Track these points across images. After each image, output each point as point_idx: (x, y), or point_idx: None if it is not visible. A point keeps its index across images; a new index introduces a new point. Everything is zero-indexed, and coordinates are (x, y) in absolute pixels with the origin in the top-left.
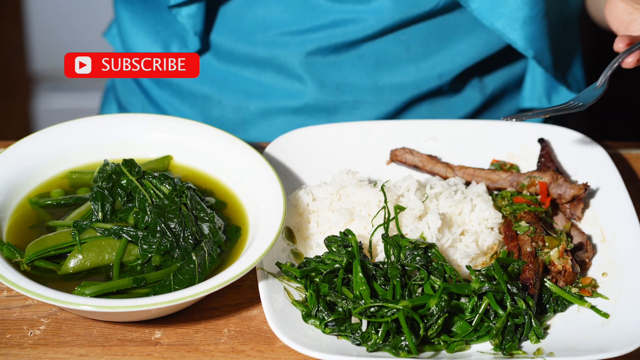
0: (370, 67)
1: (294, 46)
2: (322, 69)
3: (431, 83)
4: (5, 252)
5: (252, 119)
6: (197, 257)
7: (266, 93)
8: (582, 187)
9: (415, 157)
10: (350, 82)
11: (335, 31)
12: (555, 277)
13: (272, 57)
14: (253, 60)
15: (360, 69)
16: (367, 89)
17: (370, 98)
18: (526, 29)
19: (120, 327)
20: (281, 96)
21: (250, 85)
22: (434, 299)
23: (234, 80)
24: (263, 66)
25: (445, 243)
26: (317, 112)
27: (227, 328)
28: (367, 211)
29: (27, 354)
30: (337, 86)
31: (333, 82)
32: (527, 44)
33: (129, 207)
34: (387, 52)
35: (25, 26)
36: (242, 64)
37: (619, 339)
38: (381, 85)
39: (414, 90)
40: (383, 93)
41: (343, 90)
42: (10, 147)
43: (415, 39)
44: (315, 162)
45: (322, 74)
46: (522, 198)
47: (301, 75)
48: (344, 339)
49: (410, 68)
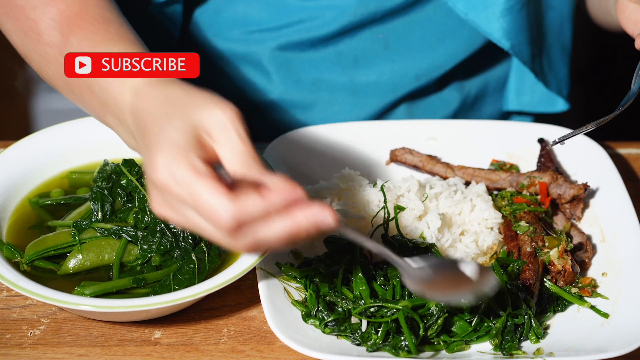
0: (348, 64)
1: (270, 42)
2: (298, 64)
3: (409, 85)
4: (5, 252)
5: None
6: (197, 257)
7: (242, 88)
8: (582, 187)
9: (415, 157)
10: (326, 78)
11: (307, 25)
12: (555, 277)
13: (248, 53)
14: (230, 55)
15: (337, 66)
16: (343, 86)
17: (345, 96)
18: (502, 20)
19: (120, 327)
20: (257, 91)
21: (227, 82)
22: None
23: (211, 75)
24: (239, 61)
25: (445, 243)
26: (293, 107)
27: (227, 328)
28: (366, 211)
29: (27, 354)
30: (314, 82)
31: (309, 78)
32: (503, 35)
33: (129, 207)
34: (364, 49)
35: None
36: (217, 59)
37: (619, 339)
38: (357, 82)
39: (391, 91)
40: (359, 92)
41: (319, 87)
42: (10, 147)
43: (393, 37)
44: (315, 162)
45: (299, 70)
46: (522, 198)
47: (276, 71)
48: (343, 339)
49: (387, 66)
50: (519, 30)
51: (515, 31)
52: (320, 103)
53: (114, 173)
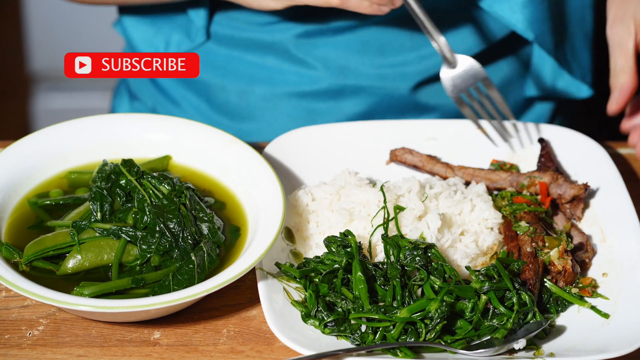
0: (373, 53)
1: (296, 29)
2: (324, 53)
3: (434, 69)
4: (4, 252)
5: (257, 103)
6: (196, 258)
7: (270, 77)
8: (582, 187)
9: (414, 157)
10: (353, 67)
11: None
12: (556, 278)
13: (274, 41)
14: (255, 44)
15: (363, 54)
16: (370, 75)
17: (374, 82)
18: (525, 12)
19: (119, 327)
20: (285, 80)
21: (253, 69)
22: (435, 302)
23: (237, 65)
24: (266, 50)
25: (445, 243)
26: (322, 95)
27: (227, 328)
28: (366, 211)
29: (26, 355)
30: (341, 70)
31: (336, 66)
32: (527, 26)
33: (128, 207)
34: (390, 39)
35: (24, 26)
36: (243, 49)
37: (619, 339)
38: (384, 70)
39: (417, 77)
40: (386, 79)
41: (347, 75)
42: (9, 147)
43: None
44: (314, 162)
45: (325, 58)
46: (522, 198)
47: (304, 58)
48: (343, 339)
49: (413, 55)
50: (542, 20)
51: (538, 21)
52: (348, 91)
53: (113, 173)
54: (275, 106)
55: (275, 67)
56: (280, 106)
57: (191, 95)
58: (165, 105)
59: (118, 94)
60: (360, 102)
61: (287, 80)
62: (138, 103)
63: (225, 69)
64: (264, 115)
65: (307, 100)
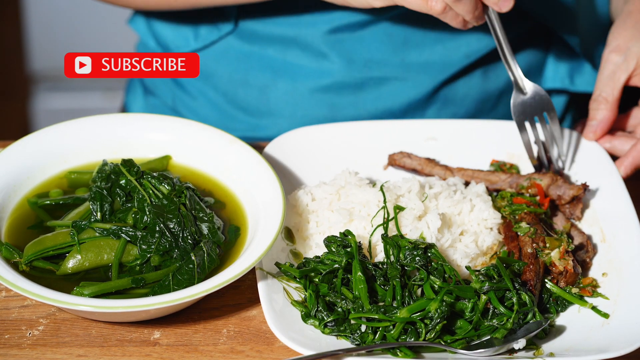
0: (398, 45)
1: (320, 24)
2: (349, 46)
3: (459, 63)
4: (4, 252)
5: (278, 98)
6: (196, 257)
7: (292, 71)
8: (581, 187)
9: (413, 160)
10: (377, 59)
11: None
12: (557, 278)
13: (297, 35)
14: (278, 38)
15: (387, 46)
16: (394, 66)
17: (397, 75)
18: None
19: (119, 327)
20: (308, 74)
21: (276, 64)
22: (435, 302)
23: (259, 59)
24: (288, 44)
25: (444, 243)
26: (345, 89)
27: (226, 328)
28: (366, 211)
29: (26, 355)
30: (365, 63)
31: (360, 59)
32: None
33: (128, 207)
34: (414, 30)
35: (24, 26)
36: (266, 43)
37: (619, 339)
38: (408, 62)
39: (441, 70)
40: (410, 70)
41: (370, 67)
42: (9, 147)
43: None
44: (315, 162)
45: (349, 51)
46: (522, 199)
47: (327, 52)
48: (343, 339)
49: (438, 46)
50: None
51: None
52: (371, 83)
53: (113, 173)
54: (296, 101)
55: (296, 62)
56: (301, 101)
57: (209, 89)
58: (183, 99)
59: (131, 90)
60: (381, 95)
61: (309, 74)
62: (154, 98)
63: (248, 63)
64: (284, 111)
65: (329, 95)
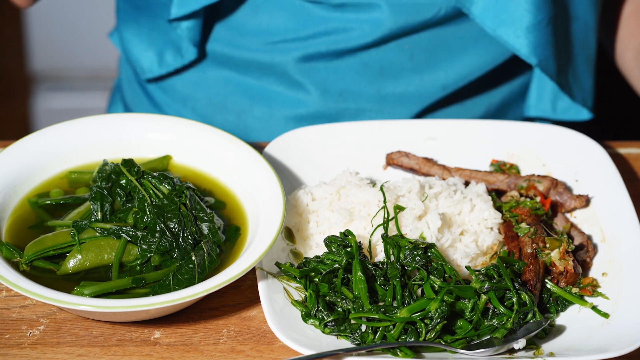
0: (374, 75)
1: (295, 52)
2: (325, 76)
3: (435, 95)
4: (5, 252)
5: (255, 124)
6: (196, 257)
7: (269, 98)
8: (583, 199)
9: (411, 160)
10: (353, 89)
11: (334, 38)
12: (557, 278)
13: (273, 64)
14: (254, 65)
15: (363, 77)
16: (370, 97)
17: (373, 106)
18: (530, 36)
19: (119, 327)
20: (284, 102)
21: (253, 90)
22: (435, 302)
23: (236, 85)
24: (264, 72)
25: (445, 243)
26: (320, 119)
27: (227, 328)
28: (366, 211)
29: (26, 354)
30: (340, 93)
31: (336, 89)
32: (531, 51)
33: (129, 207)
34: (390, 61)
35: (25, 26)
36: (243, 70)
37: (619, 339)
38: (384, 93)
39: (418, 101)
40: (386, 102)
41: (346, 98)
42: (10, 147)
43: (419, 48)
44: (315, 162)
45: (325, 81)
46: (523, 209)
47: (302, 81)
48: (343, 338)
49: (414, 77)
50: (545, 45)
51: (542, 46)
52: (347, 114)
53: (114, 173)
54: (272, 128)
55: (273, 90)
56: (277, 128)
57: (187, 112)
58: None
59: (113, 104)
60: None
61: (285, 102)
62: None
63: (227, 88)
64: (259, 137)
65: (304, 123)
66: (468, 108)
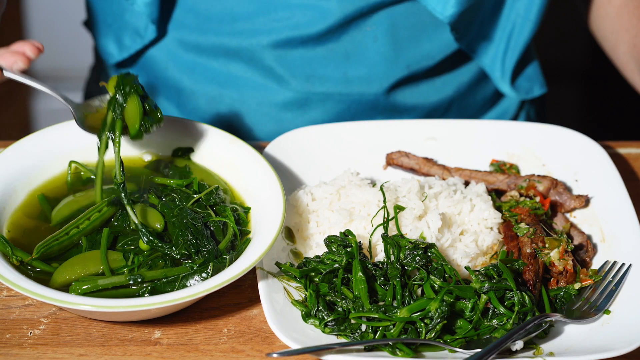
0: (340, 59)
1: (261, 38)
2: (291, 61)
3: (400, 73)
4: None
5: (226, 110)
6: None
7: (238, 84)
8: (583, 200)
9: (411, 160)
10: (320, 74)
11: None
12: (557, 278)
13: (240, 49)
14: (221, 51)
15: (329, 61)
16: (337, 81)
17: (340, 89)
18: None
19: (120, 326)
20: (253, 87)
21: (221, 77)
22: (435, 302)
23: (204, 71)
24: (232, 57)
25: (444, 243)
26: (289, 103)
27: (227, 328)
28: (366, 211)
29: (27, 354)
30: (307, 78)
31: (303, 75)
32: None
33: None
34: (355, 44)
35: (25, 26)
36: (210, 55)
37: (619, 338)
38: (350, 76)
39: (383, 81)
40: (352, 84)
41: (313, 83)
42: (10, 147)
43: (381, 29)
44: (315, 162)
45: (292, 66)
46: (523, 209)
47: (271, 66)
48: (343, 338)
49: (379, 58)
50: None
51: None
52: (315, 99)
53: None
54: (243, 113)
55: (242, 75)
56: (249, 114)
57: (162, 100)
58: None
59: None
60: (327, 110)
61: (254, 88)
62: None
63: (194, 74)
64: (233, 122)
65: (274, 109)
66: (438, 87)
